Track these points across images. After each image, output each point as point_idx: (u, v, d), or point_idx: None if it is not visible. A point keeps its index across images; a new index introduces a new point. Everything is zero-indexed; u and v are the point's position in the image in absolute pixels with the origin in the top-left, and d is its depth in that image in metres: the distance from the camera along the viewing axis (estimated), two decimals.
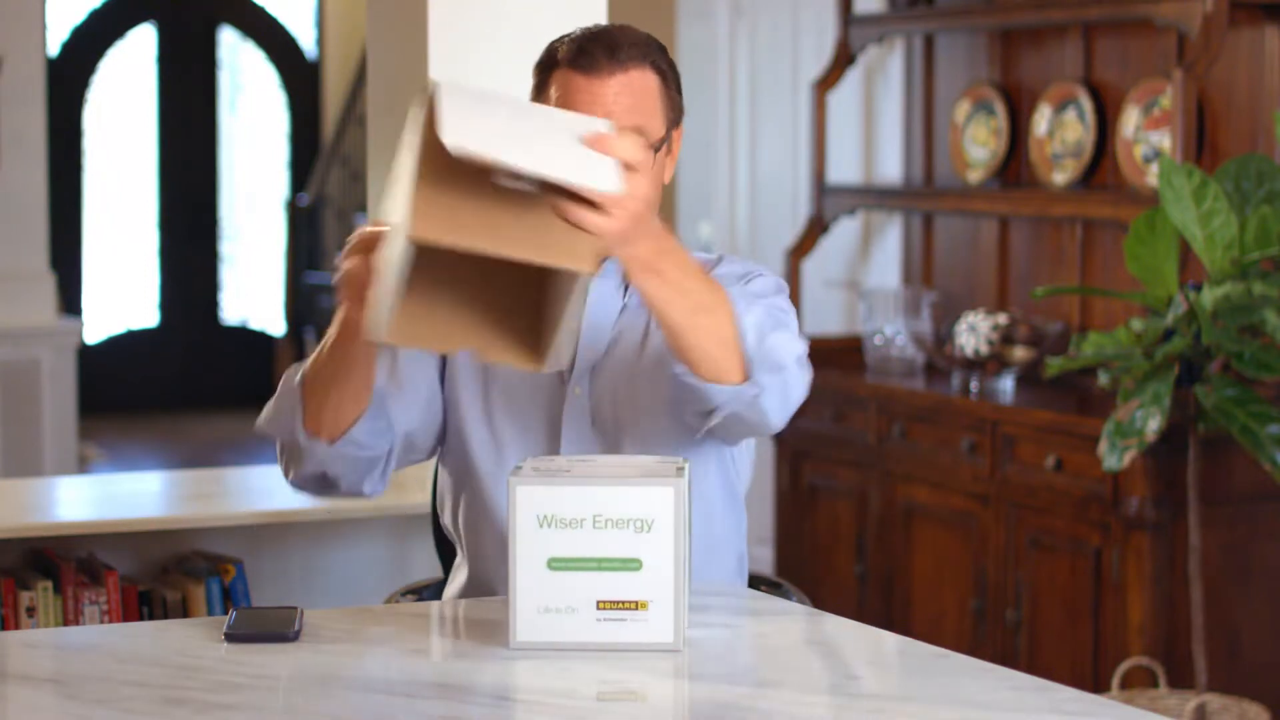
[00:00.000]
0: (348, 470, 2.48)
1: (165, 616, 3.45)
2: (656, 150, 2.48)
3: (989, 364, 4.99)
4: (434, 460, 2.66)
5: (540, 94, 2.52)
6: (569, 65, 2.48)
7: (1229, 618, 4.44)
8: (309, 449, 2.46)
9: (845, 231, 6.15)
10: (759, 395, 2.34)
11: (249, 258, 11.52)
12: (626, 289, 2.58)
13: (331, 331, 2.39)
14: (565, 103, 2.46)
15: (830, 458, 5.35)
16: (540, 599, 2.13)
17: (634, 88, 2.47)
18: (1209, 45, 4.55)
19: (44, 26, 7.19)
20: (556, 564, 2.13)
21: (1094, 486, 4.47)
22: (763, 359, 2.33)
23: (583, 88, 2.46)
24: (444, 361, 2.59)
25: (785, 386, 2.37)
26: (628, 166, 2.12)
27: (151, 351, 11.27)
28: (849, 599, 5.23)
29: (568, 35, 2.52)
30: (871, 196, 5.79)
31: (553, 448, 2.54)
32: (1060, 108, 5.18)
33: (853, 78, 6.05)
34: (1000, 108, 5.40)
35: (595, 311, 2.54)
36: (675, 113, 2.53)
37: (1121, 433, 4.09)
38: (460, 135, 2.02)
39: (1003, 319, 5.00)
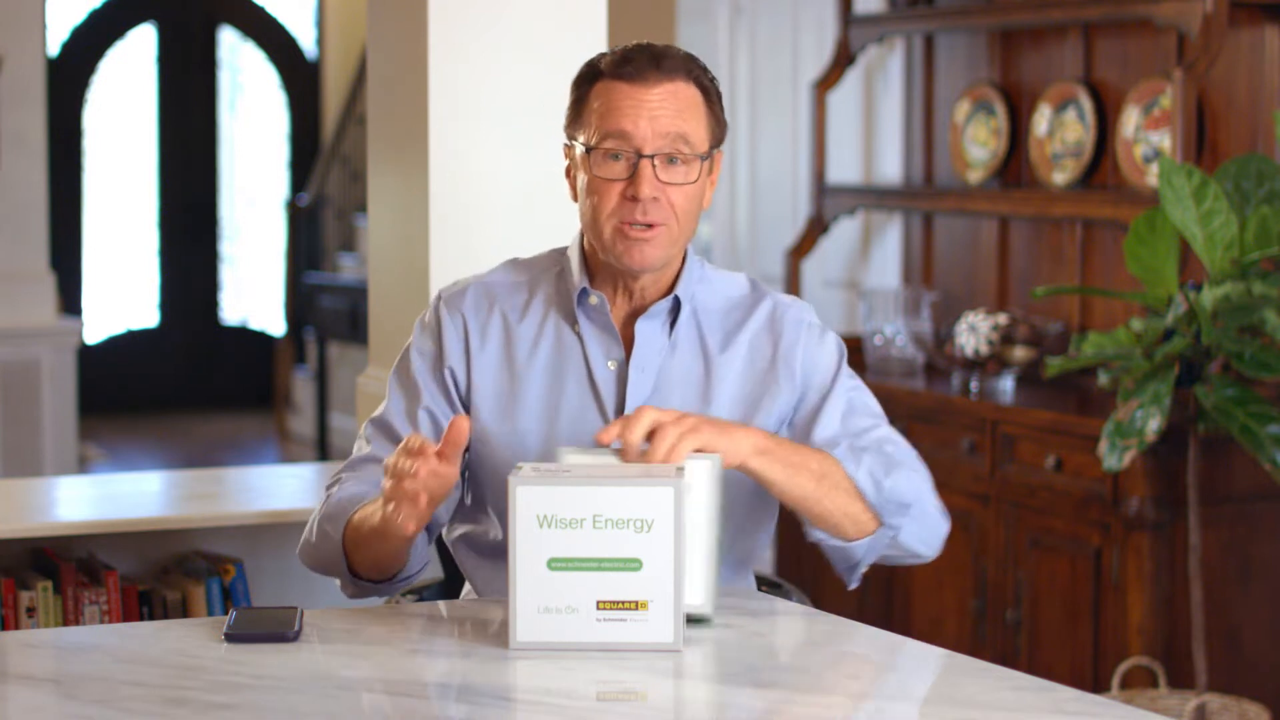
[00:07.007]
0: (399, 585, 2.53)
1: (165, 616, 3.45)
2: (702, 160, 2.47)
3: (989, 364, 4.99)
4: None
5: (581, 106, 2.49)
6: (612, 75, 2.46)
7: (1229, 618, 4.44)
8: (360, 586, 2.50)
9: (845, 231, 6.15)
10: (896, 535, 2.47)
11: (249, 258, 11.52)
12: (672, 329, 2.54)
13: (376, 515, 2.35)
14: (608, 111, 2.45)
15: None
16: (540, 599, 2.13)
17: (679, 97, 2.45)
18: (1209, 45, 4.55)
19: (44, 26, 7.19)
20: (556, 564, 2.13)
21: (1094, 486, 4.47)
22: (886, 503, 2.45)
23: (627, 94, 2.44)
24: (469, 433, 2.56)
25: (922, 516, 2.49)
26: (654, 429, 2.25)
27: (151, 351, 11.27)
28: (849, 599, 5.23)
29: (607, 50, 2.51)
30: (871, 196, 5.79)
31: None
32: (1060, 108, 5.18)
33: (853, 78, 6.05)
34: (1000, 108, 5.40)
35: (641, 354, 2.52)
36: (719, 130, 2.52)
37: (1121, 433, 4.09)
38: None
39: (1003, 319, 5.00)
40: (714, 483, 2.24)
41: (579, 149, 2.49)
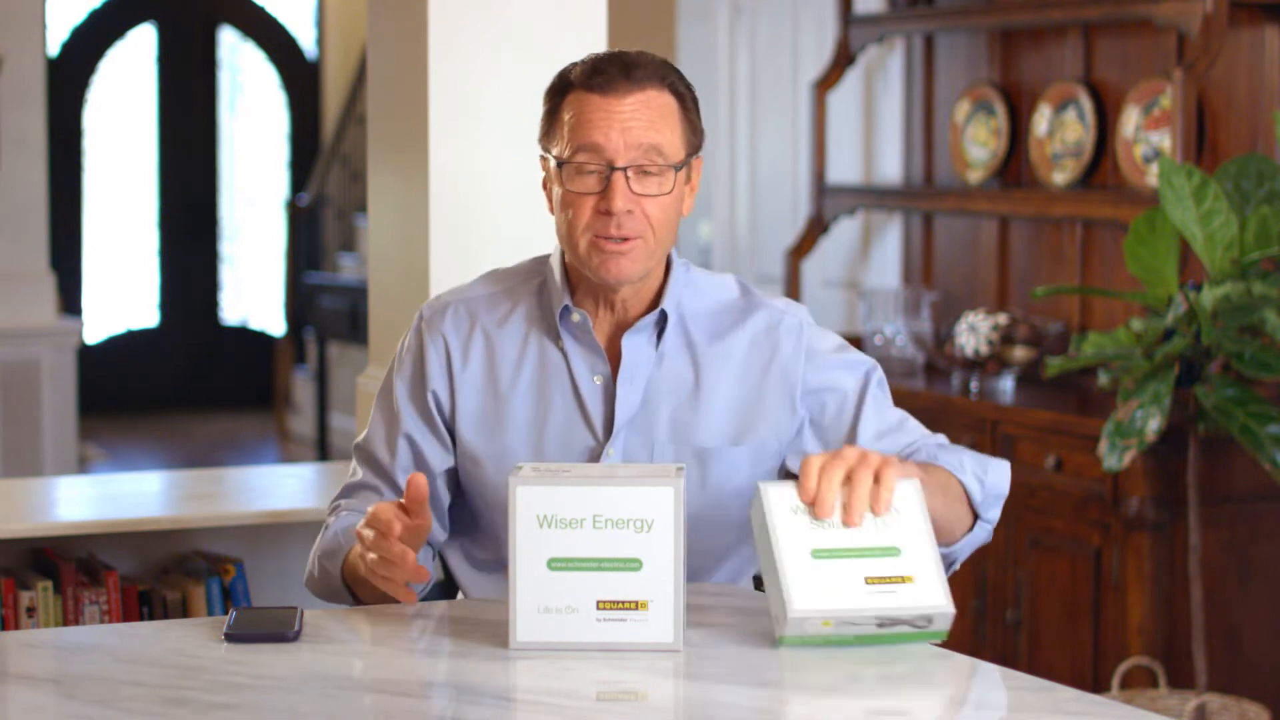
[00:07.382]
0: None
1: (165, 616, 3.45)
2: (677, 170, 2.43)
3: (989, 364, 4.99)
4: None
5: (553, 118, 2.45)
6: (583, 86, 2.41)
7: (1229, 618, 4.44)
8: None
9: (845, 231, 6.15)
10: (991, 528, 2.47)
11: (249, 258, 11.53)
12: (659, 341, 2.51)
13: (362, 568, 2.33)
14: (579, 123, 2.41)
15: None
16: (540, 599, 2.13)
17: (651, 106, 2.41)
18: (1209, 45, 4.55)
19: (44, 26, 7.20)
20: (556, 564, 2.13)
21: (1094, 486, 4.47)
22: (987, 498, 2.45)
23: (599, 106, 2.40)
24: (454, 444, 2.55)
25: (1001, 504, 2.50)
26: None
27: (151, 351, 11.27)
28: None
29: (580, 60, 2.46)
30: (871, 196, 5.79)
31: None
32: (1060, 108, 5.18)
33: (853, 78, 6.05)
34: (1000, 108, 5.40)
35: (629, 366, 2.49)
36: (695, 138, 2.47)
37: (1121, 433, 4.09)
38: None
39: (1003, 319, 5.00)
40: (923, 498, 2.22)
41: (552, 162, 2.45)
